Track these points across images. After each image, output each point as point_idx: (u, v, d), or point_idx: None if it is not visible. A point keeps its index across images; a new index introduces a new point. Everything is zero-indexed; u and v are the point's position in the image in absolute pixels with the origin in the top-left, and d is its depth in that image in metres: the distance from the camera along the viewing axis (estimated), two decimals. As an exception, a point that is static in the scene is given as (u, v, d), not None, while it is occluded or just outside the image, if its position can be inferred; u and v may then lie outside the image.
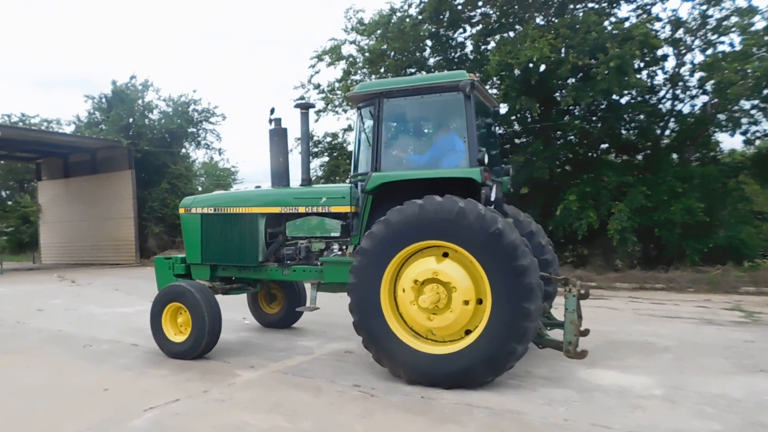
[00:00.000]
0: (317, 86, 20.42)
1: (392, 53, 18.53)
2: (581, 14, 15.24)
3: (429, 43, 18.87)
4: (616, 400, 5.10)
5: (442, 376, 5.46)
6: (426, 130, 6.97)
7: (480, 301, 5.47)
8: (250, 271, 7.40)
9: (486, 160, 5.79)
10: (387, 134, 6.34)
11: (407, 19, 17.75)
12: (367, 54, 19.56)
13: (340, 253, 6.78)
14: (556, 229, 15.17)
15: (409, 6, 17.72)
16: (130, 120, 26.99)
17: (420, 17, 17.13)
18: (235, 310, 9.13)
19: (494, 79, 16.97)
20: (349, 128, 20.93)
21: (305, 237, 7.00)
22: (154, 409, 4.98)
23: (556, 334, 6.00)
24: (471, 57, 18.40)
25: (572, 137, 16.85)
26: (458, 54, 18.59)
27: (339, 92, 20.36)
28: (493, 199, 6.16)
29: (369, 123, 6.45)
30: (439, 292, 5.52)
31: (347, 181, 6.99)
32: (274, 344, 7.60)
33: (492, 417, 4.72)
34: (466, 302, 5.45)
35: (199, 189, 32.47)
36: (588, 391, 5.36)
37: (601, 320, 8.83)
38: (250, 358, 6.86)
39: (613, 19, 15.48)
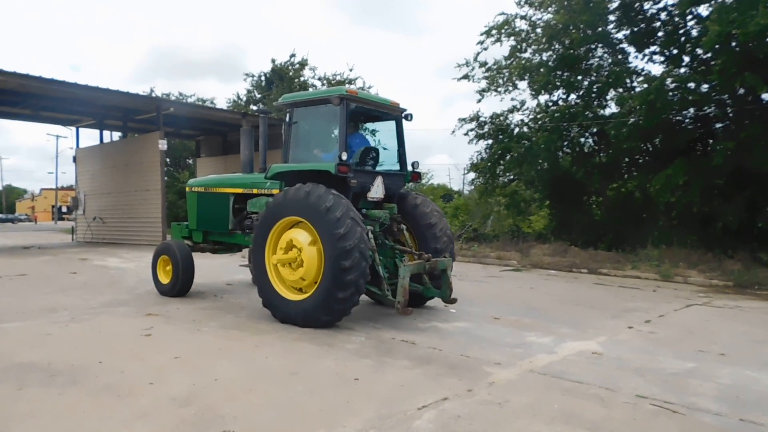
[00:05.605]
0: (483, 64, 19.33)
1: (571, 27, 17.02)
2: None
3: (611, 18, 17.12)
4: None
5: (297, 317, 7.05)
6: (324, 133, 8.32)
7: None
8: (225, 237, 9.51)
9: (344, 157, 7.18)
10: (295, 135, 7.97)
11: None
12: (538, 30, 18.24)
13: None
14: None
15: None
16: None
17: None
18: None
19: (698, 51, 14.99)
20: (514, 109, 19.60)
21: (258, 211, 8.38)
22: (428, 408, 4.40)
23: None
24: (662, 29, 16.39)
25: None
26: (649, 27, 16.63)
27: (505, 71, 19.23)
28: (375, 187, 7.86)
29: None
30: (296, 253, 7.10)
31: None
32: (501, 338, 6.90)
33: None
34: (312, 261, 6.95)
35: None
36: None
37: None
38: (485, 351, 6.18)
39: None
